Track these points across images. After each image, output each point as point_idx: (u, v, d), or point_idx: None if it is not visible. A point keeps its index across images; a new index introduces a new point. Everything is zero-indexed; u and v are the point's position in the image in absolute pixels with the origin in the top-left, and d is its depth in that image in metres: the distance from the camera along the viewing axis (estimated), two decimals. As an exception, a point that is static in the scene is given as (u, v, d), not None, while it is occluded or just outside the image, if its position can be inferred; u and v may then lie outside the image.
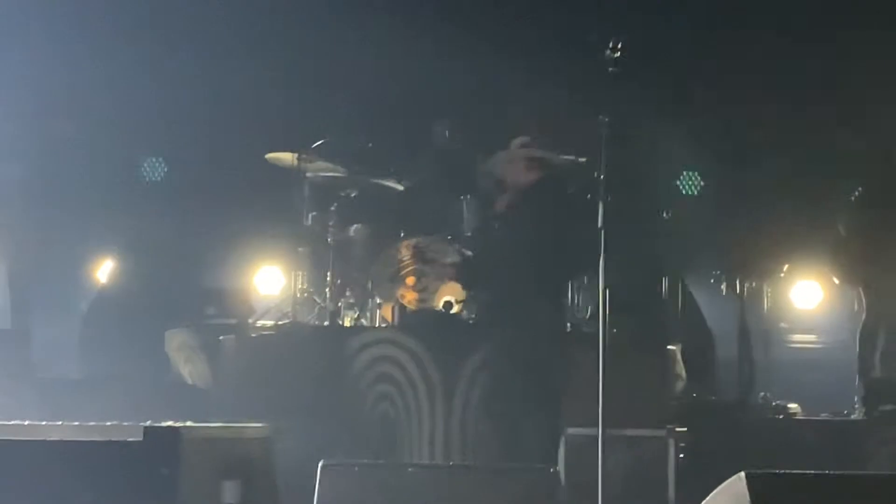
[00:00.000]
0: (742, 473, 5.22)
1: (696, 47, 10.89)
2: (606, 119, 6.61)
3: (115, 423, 4.93)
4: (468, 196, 9.18)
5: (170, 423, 4.92)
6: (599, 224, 6.50)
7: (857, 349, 9.29)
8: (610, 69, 6.54)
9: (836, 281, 9.71)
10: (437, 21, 10.81)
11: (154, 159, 12.35)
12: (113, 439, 4.78)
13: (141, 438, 4.73)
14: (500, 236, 8.45)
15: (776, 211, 10.74)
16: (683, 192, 11.61)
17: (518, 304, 8.23)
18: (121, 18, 11.12)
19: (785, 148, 11.05)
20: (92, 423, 4.94)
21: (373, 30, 10.99)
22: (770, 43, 10.78)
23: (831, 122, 10.80)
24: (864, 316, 9.33)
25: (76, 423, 4.98)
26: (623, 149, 6.83)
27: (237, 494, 4.94)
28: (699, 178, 11.56)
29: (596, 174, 6.67)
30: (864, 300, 9.35)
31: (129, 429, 4.80)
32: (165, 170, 12.30)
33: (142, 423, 4.79)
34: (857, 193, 9.57)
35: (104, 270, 11.47)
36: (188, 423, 4.96)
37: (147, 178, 12.35)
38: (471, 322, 8.77)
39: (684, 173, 11.64)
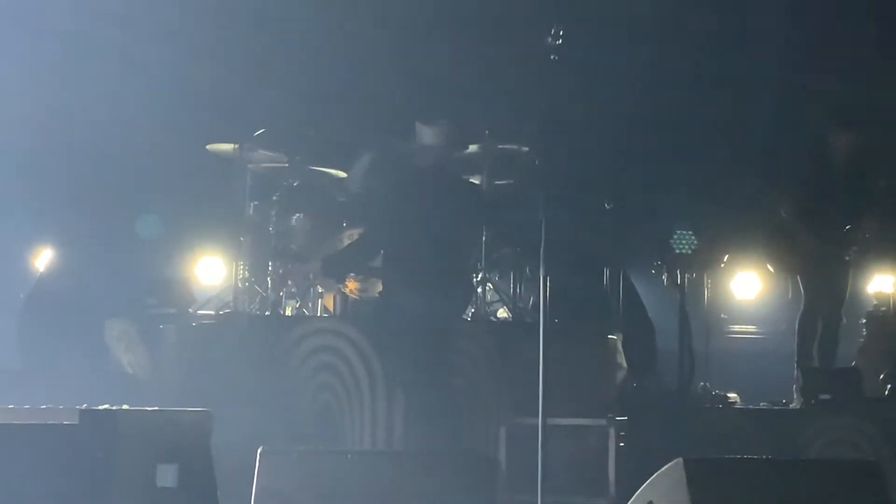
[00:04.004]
0: (680, 459, 5.31)
1: (636, 34, 10.95)
2: (546, 107, 6.63)
3: (50, 406, 4.89)
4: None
5: (106, 406, 4.89)
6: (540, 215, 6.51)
7: (796, 339, 9.41)
8: (551, 56, 6.56)
9: (773, 270, 9.81)
10: (377, 9, 10.81)
11: (96, 150, 12.22)
12: (48, 422, 4.75)
13: (77, 422, 4.70)
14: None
15: (716, 201, 10.83)
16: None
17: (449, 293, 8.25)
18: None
19: (726, 137, 11.15)
20: (27, 407, 4.89)
21: (313, 19, 10.95)
22: (711, 33, 10.87)
23: (771, 112, 10.91)
24: (801, 306, 9.43)
25: (10, 407, 4.94)
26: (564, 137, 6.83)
27: (173, 478, 4.92)
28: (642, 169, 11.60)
29: (536, 163, 6.70)
30: (802, 290, 9.45)
31: (64, 412, 4.77)
32: (106, 159, 12.16)
33: (77, 406, 4.75)
34: (796, 186, 9.68)
35: (42, 260, 11.35)
36: (124, 407, 4.93)
37: (90, 168, 12.22)
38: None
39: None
